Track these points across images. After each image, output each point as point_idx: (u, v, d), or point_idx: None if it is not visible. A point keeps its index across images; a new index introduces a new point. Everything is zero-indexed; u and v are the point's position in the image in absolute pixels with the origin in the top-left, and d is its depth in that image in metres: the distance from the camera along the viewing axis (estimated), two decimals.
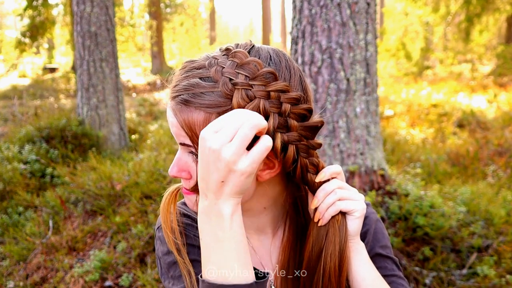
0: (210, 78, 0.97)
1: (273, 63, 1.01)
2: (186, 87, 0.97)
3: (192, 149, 1.01)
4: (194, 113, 0.97)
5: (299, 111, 0.98)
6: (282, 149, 0.97)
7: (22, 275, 4.07)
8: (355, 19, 3.82)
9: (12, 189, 5.66)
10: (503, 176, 5.69)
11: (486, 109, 10.26)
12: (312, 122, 1.01)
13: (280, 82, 0.97)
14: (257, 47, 1.04)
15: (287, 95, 0.96)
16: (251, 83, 0.94)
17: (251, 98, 0.94)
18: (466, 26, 15.54)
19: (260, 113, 0.93)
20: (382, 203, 3.84)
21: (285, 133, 0.97)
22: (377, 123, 4.08)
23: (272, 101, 0.95)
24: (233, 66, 0.96)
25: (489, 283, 3.36)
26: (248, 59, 0.97)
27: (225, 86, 0.94)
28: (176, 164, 1.06)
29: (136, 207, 4.71)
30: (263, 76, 0.96)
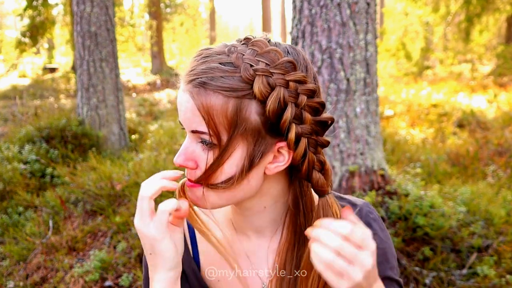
0: (230, 64, 0.95)
1: (291, 55, 1.01)
2: (205, 70, 0.95)
3: (205, 136, 0.97)
4: (212, 96, 0.94)
5: (313, 104, 0.98)
6: (295, 142, 0.97)
7: (22, 275, 4.07)
8: (355, 19, 3.82)
9: (12, 189, 5.66)
10: (503, 176, 5.69)
11: (486, 109, 10.26)
12: (324, 117, 1.00)
13: (299, 72, 0.97)
14: (274, 41, 1.04)
15: (304, 86, 0.97)
16: (272, 71, 0.94)
17: (272, 85, 0.94)
18: (466, 26, 15.54)
19: (279, 103, 0.93)
20: (382, 203, 3.85)
21: (300, 125, 0.97)
22: (377, 123, 4.08)
23: (290, 90, 0.95)
24: (253, 54, 0.96)
25: (489, 283, 3.36)
26: (268, 48, 0.97)
27: (247, 71, 0.93)
28: (184, 153, 1.02)
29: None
30: (283, 64, 0.96)
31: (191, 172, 1.04)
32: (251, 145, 0.97)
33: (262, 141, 0.97)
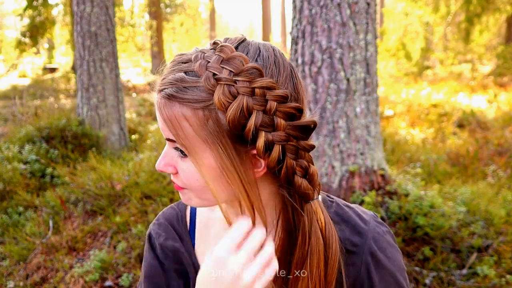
0: (194, 73, 0.93)
1: (261, 59, 0.97)
2: (171, 81, 0.94)
3: (177, 145, 0.97)
4: (178, 108, 0.93)
5: (286, 109, 0.93)
6: (267, 149, 0.93)
7: (22, 275, 4.07)
8: (355, 19, 3.82)
9: (12, 189, 5.66)
10: (503, 176, 5.69)
11: (486, 109, 10.27)
12: (303, 121, 0.96)
13: (266, 78, 0.93)
14: (247, 42, 1.00)
15: (273, 92, 0.92)
16: (235, 79, 0.91)
17: (234, 94, 0.90)
18: (466, 26, 15.55)
19: (242, 111, 0.90)
20: (382, 203, 3.85)
21: (271, 132, 0.93)
22: (377, 123, 4.08)
23: (256, 98, 0.91)
24: (218, 61, 0.93)
25: (489, 283, 3.37)
26: (234, 53, 0.94)
27: (207, 81, 0.91)
28: (163, 159, 1.03)
29: (136, 207, 4.72)
30: (248, 71, 0.92)
31: (173, 177, 1.05)
32: (223, 154, 0.94)
33: (233, 149, 0.94)
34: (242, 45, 0.98)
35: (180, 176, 1.02)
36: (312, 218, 1.02)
